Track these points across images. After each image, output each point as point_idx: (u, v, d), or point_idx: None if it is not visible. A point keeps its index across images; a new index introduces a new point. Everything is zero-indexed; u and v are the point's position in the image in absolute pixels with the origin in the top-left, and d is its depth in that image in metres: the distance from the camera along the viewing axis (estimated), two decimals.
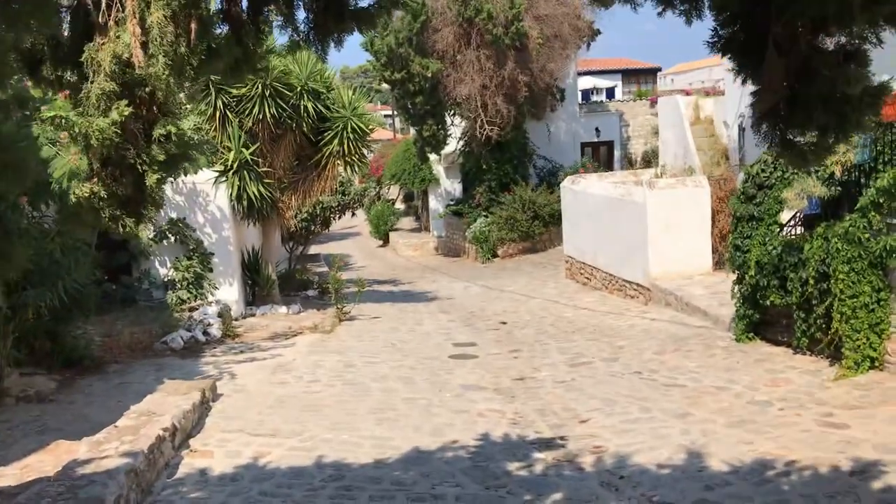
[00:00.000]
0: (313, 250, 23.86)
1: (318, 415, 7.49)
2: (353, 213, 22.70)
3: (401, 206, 34.67)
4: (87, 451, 5.43)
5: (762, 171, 9.49)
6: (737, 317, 9.71)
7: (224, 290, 13.15)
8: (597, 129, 27.77)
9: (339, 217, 21.12)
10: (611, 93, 38.24)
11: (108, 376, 9.25)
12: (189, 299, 12.63)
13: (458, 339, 11.55)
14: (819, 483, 5.33)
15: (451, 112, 23.20)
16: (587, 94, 36.47)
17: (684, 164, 18.66)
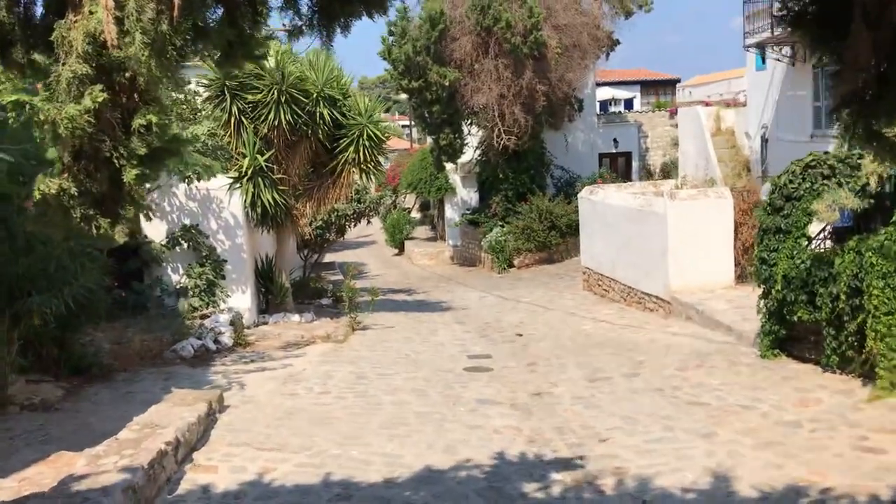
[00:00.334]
0: (328, 258, 23.68)
1: (328, 428, 7.24)
2: (368, 222, 22.50)
3: (416, 214, 34.48)
4: (86, 464, 5.21)
5: (790, 181, 9.15)
6: (762, 332, 9.37)
7: (236, 297, 12.96)
8: (615, 140, 27.48)
9: (355, 225, 20.88)
10: (629, 104, 37.90)
11: (115, 384, 9.06)
12: (201, 307, 12.45)
13: (473, 351, 11.28)
14: None
15: (469, 121, 23.01)
16: (605, 104, 36.16)
17: (705, 176, 18.32)
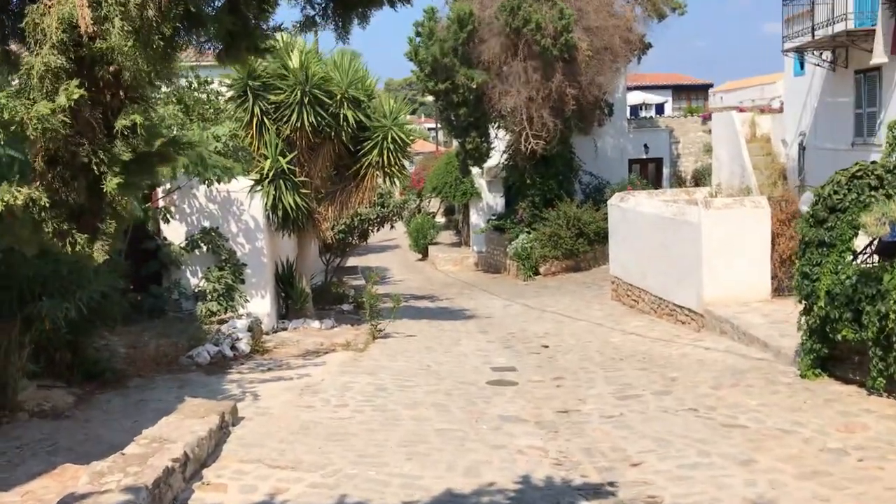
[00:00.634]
0: (351, 262, 23.43)
1: (344, 445, 6.91)
2: (391, 226, 22.22)
3: (441, 219, 34.18)
4: (87, 482, 4.94)
5: (834, 192, 8.66)
6: (803, 350, 8.90)
7: (256, 302, 12.71)
8: (645, 146, 26.97)
9: (378, 229, 20.63)
10: (660, 109, 37.29)
11: (128, 391, 8.82)
12: (219, 311, 12.21)
13: (497, 363, 10.91)
14: None
15: (496, 124, 22.68)
16: (636, 109, 35.59)
17: (740, 183, 17.78)
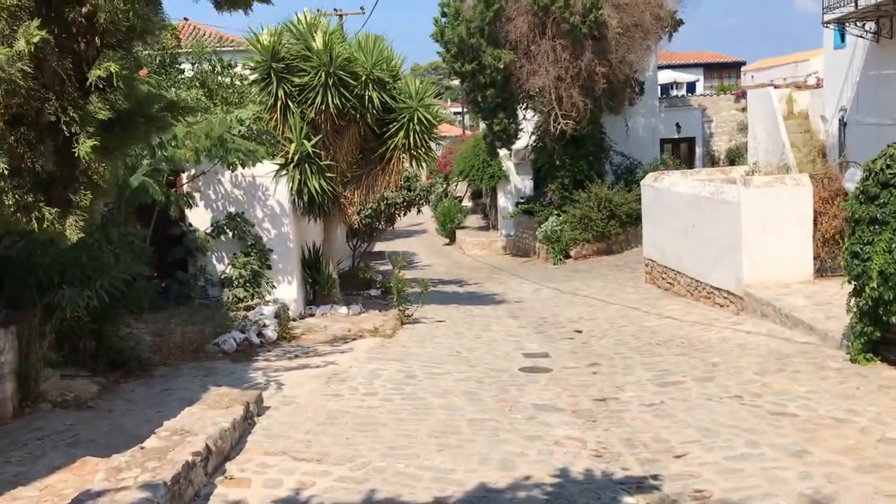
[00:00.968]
0: (378, 247, 23.21)
1: (373, 436, 6.64)
2: (418, 211, 21.91)
3: (468, 203, 33.84)
4: (104, 478, 4.71)
5: (887, 166, 8.16)
6: (853, 334, 8.43)
7: (282, 288, 12.52)
8: (677, 125, 26.31)
9: (405, 214, 20.34)
10: (692, 87, 36.44)
11: (152, 381, 8.64)
12: (246, 298, 12.03)
13: (530, 349, 10.57)
14: None
15: (524, 105, 22.20)
16: (667, 88, 34.81)
17: (779, 161, 17.17)
